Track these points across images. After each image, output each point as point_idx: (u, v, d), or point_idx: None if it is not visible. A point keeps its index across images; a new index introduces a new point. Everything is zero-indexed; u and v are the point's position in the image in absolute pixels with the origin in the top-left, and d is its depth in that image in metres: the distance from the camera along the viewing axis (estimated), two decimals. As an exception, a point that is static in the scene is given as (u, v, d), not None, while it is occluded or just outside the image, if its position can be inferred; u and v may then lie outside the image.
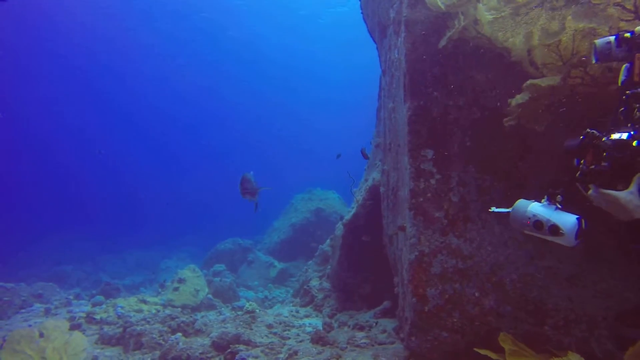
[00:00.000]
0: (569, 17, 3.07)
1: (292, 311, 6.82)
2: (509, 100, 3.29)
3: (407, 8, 3.78)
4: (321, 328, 5.76)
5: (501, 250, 3.65)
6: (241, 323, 5.91)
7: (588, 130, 1.94)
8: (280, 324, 5.97)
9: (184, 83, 42.09)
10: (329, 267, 7.67)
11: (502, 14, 3.31)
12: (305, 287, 7.52)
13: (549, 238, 2.01)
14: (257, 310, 6.58)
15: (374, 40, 6.46)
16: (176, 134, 44.20)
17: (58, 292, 9.85)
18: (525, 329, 3.44)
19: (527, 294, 3.48)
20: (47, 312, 7.90)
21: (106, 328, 6.61)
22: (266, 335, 5.47)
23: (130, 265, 16.72)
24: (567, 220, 1.91)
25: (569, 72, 3.33)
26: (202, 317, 6.95)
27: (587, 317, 3.34)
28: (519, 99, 3.23)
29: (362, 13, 6.46)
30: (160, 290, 9.51)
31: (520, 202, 2.11)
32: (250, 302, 7.17)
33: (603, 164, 1.83)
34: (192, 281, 8.55)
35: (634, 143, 1.77)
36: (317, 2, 29.36)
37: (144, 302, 7.72)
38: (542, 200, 2.06)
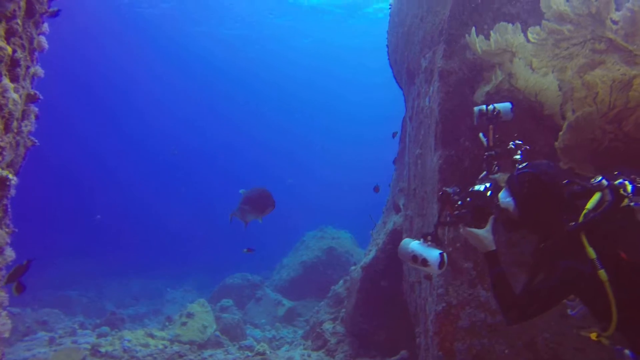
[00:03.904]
0: (609, 64, 3.08)
1: (303, 355, 6.57)
2: (555, 142, 3.29)
3: (442, 59, 3.87)
4: (334, 376, 5.53)
5: (532, 307, 3.53)
6: (252, 365, 5.71)
7: (443, 189, 2.57)
8: (292, 368, 5.75)
9: (203, 113, 43.28)
10: (344, 310, 7.46)
11: (544, 41, 3.38)
12: (317, 330, 7.28)
13: (423, 269, 2.43)
14: (268, 352, 6.37)
15: (399, 86, 6.59)
16: (191, 161, 44.55)
17: (62, 319, 9.68)
18: (560, 393, 3.25)
19: (560, 355, 3.32)
20: (52, 342, 7.72)
21: (111, 362, 6.43)
22: (278, 381, 5.25)
23: (135, 293, 16.43)
24: (432, 254, 2.36)
25: (604, 127, 3.34)
26: (210, 356, 6.75)
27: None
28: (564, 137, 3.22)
29: (389, 59, 6.63)
30: (166, 323, 9.30)
31: (405, 240, 2.54)
32: (261, 344, 6.94)
33: (463, 210, 2.43)
34: (200, 316, 8.36)
35: (488, 193, 2.40)
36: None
37: (151, 336, 7.52)
38: (420, 240, 2.49)
